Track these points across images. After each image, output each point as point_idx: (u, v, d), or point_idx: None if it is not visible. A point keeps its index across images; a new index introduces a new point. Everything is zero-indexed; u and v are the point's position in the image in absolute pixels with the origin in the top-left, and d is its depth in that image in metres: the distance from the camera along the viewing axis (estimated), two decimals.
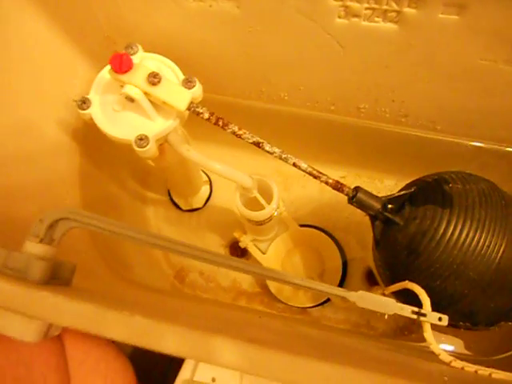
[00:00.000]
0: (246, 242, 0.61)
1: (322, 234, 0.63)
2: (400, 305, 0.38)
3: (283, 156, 0.42)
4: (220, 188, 0.68)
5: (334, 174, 0.67)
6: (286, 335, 0.35)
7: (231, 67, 0.50)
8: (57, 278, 0.32)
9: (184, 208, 0.67)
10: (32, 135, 0.49)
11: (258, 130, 0.59)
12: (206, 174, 0.68)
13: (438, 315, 0.38)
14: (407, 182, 0.49)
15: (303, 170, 0.43)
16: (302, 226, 0.63)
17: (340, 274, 0.62)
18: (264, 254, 0.62)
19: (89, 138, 0.55)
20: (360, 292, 0.37)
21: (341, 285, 0.62)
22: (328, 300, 0.60)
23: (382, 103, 0.50)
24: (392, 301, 0.37)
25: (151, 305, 0.41)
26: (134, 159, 0.47)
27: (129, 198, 0.67)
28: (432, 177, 0.46)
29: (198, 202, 0.67)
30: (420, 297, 0.39)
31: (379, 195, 0.68)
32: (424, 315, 0.38)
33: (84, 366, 0.52)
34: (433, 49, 0.41)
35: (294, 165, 0.43)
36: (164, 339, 0.25)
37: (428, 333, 0.38)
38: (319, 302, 0.60)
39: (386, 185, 0.66)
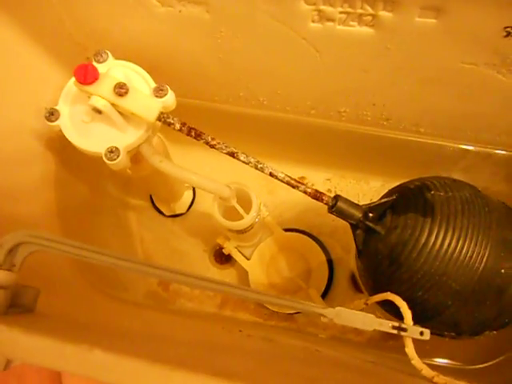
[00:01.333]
0: (229, 248, 0.60)
1: (307, 238, 0.62)
2: (380, 320, 0.36)
3: (259, 166, 0.41)
4: (203, 193, 0.66)
5: (319, 176, 0.65)
6: (264, 356, 0.34)
7: (206, 72, 0.48)
8: (18, 305, 0.31)
9: (167, 214, 0.66)
10: (3, 145, 0.47)
11: (238, 134, 0.58)
12: None
13: (420, 329, 0.37)
14: (394, 183, 0.47)
15: (280, 180, 0.42)
16: (286, 230, 0.62)
17: (326, 278, 0.61)
18: (248, 259, 0.61)
19: (64, 145, 0.54)
20: (337, 308, 0.36)
21: (327, 290, 0.61)
22: None
23: (362, 107, 0.49)
24: (371, 316, 0.36)
25: (127, 324, 0.40)
26: None
27: (110, 205, 0.66)
28: (414, 183, 0.44)
29: (180, 207, 0.66)
30: (401, 309, 0.38)
31: (365, 197, 0.68)
32: (405, 330, 0.37)
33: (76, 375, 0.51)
34: (411, 52, 0.39)
35: (271, 174, 0.42)
36: (122, 375, 0.24)
37: (409, 348, 0.37)
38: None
39: (371, 186, 0.65)
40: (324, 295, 0.60)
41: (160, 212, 0.66)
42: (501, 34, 0.35)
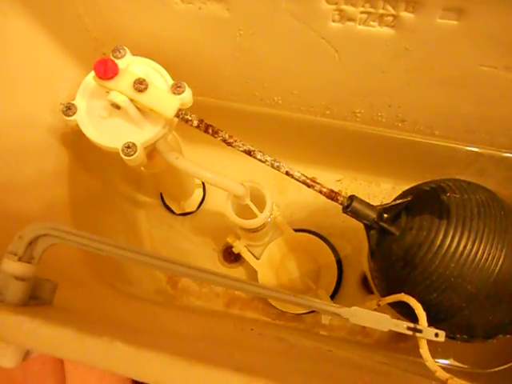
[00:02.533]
0: (239, 247, 0.59)
1: (317, 238, 0.62)
2: (395, 321, 0.36)
3: (275, 164, 0.41)
4: (213, 191, 0.66)
5: (331, 177, 0.65)
6: (279, 354, 0.34)
7: (222, 70, 0.48)
8: (36, 297, 0.31)
9: (177, 212, 0.66)
10: (18, 138, 0.47)
11: (251, 133, 0.58)
12: None
13: (435, 331, 0.37)
14: (404, 186, 0.47)
15: (296, 179, 0.42)
16: (296, 230, 0.62)
17: (335, 279, 0.61)
18: (258, 259, 0.61)
19: (78, 140, 0.54)
20: (353, 308, 0.36)
21: (336, 290, 0.61)
22: None
23: (378, 108, 0.49)
24: (386, 317, 0.36)
25: (139, 320, 0.40)
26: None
27: (121, 202, 0.66)
28: (429, 185, 0.44)
29: (190, 205, 0.66)
30: (416, 311, 0.38)
31: (376, 199, 0.68)
32: (420, 331, 0.37)
33: (80, 368, 0.51)
34: (430, 54, 0.39)
35: (287, 173, 0.42)
36: (144, 369, 0.24)
37: (424, 349, 0.37)
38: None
39: (382, 188, 0.65)
40: (333, 296, 0.60)
41: (170, 210, 0.66)
42: None
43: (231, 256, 0.64)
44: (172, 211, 0.66)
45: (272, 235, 0.61)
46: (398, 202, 0.44)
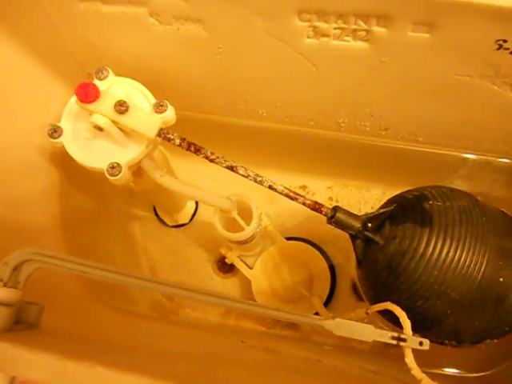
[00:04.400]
0: (232, 258, 0.60)
1: (309, 246, 0.63)
2: (379, 331, 0.37)
3: (258, 179, 0.42)
4: None
5: (321, 184, 0.66)
6: (265, 369, 0.34)
7: (205, 87, 0.49)
8: (22, 321, 0.31)
9: (170, 224, 0.66)
10: (7, 158, 0.48)
11: (239, 145, 0.59)
12: None
13: (419, 339, 0.37)
14: (395, 191, 0.48)
15: (279, 193, 0.42)
16: (288, 238, 0.62)
17: (329, 286, 0.61)
18: (251, 268, 0.61)
19: (68, 159, 0.55)
20: (337, 320, 0.36)
21: (330, 297, 0.61)
22: (316, 314, 0.59)
23: (360, 117, 0.49)
24: (370, 327, 0.36)
25: (130, 337, 0.40)
26: None
27: (114, 216, 0.66)
28: (412, 193, 0.45)
29: (183, 217, 0.66)
30: (400, 320, 0.39)
31: (367, 204, 0.68)
32: (404, 340, 0.37)
33: None
34: (406, 65, 0.40)
35: (270, 187, 0.42)
36: None
37: (409, 358, 0.37)
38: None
39: (373, 194, 0.65)
40: (327, 303, 0.60)
41: (163, 222, 0.67)
42: (493, 47, 0.35)
43: (225, 266, 0.64)
44: (165, 224, 0.67)
45: (264, 245, 0.61)
46: (381, 211, 0.44)
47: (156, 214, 0.67)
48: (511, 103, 0.41)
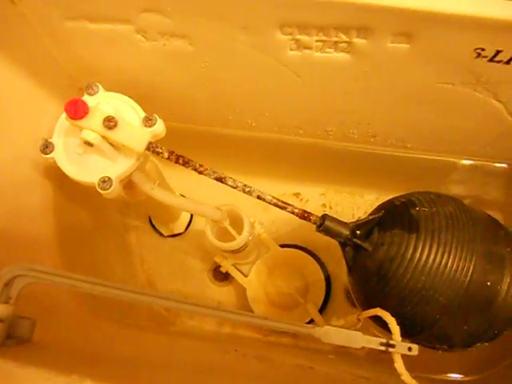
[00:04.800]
0: (227, 266, 0.61)
1: (304, 253, 0.63)
2: (367, 337, 0.37)
3: (246, 190, 0.42)
4: None
5: (314, 191, 0.66)
6: (252, 379, 0.35)
7: (194, 99, 0.50)
8: (14, 336, 0.32)
9: (165, 234, 0.67)
10: (0, 174, 0.49)
11: (230, 155, 0.59)
12: None
13: (408, 345, 0.38)
14: (388, 195, 0.48)
15: (268, 202, 0.43)
16: (283, 246, 0.63)
17: (323, 293, 0.62)
18: (246, 276, 0.62)
19: (61, 173, 0.55)
20: (325, 328, 0.36)
21: (325, 303, 0.61)
22: (312, 321, 0.60)
23: (348, 126, 0.50)
24: (359, 334, 0.37)
25: (120, 350, 0.41)
26: None
27: (110, 227, 0.67)
28: (400, 199, 0.45)
29: (179, 227, 0.67)
30: (389, 325, 0.39)
31: (360, 210, 0.68)
32: (393, 346, 0.37)
33: None
34: (388, 75, 0.40)
35: (259, 197, 0.43)
36: None
37: (398, 363, 0.38)
38: (304, 323, 0.60)
39: (366, 199, 0.66)
40: (322, 310, 0.61)
41: (159, 233, 0.67)
42: (472, 55, 0.36)
43: (221, 275, 0.65)
44: (161, 234, 0.67)
45: (259, 252, 0.62)
46: (369, 217, 0.45)
47: (152, 225, 0.68)
48: (494, 109, 0.42)
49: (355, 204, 0.66)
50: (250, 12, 0.36)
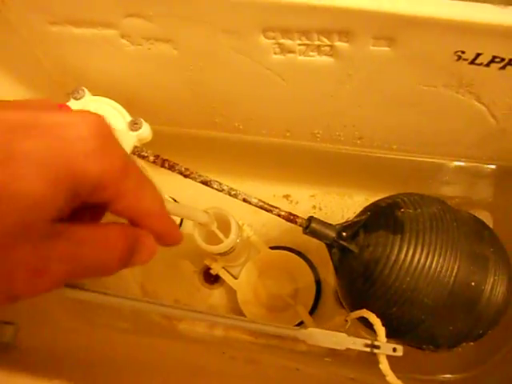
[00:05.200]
0: (217, 268, 0.61)
1: (294, 255, 0.63)
2: (352, 338, 0.37)
3: (232, 193, 0.42)
4: None
5: (304, 192, 0.67)
6: (244, 379, 0.35)
7: (180, 102, 0.50)
8: None
9: None
10: None
11: (218, 158, 0.59)
12: (175, 201, 0.68)
13: (393, 346, 0.38)
14: (377, 196, 0.48)
15: (254, 205, 0.43)
16: (273, 248, 0.63)
17: (313, 295, 0.62)
18: (236, 278, 0.62)
19: None
20: (309, 330, 0.37)
21: (315, 305, 0.62)
22: (301, 322, 0.60)
23: (334, 128, 0.50)
24: (343, 335, 0.37)
25: (107, 353, 0.41)
26: None
27: None
28: (386, 201, 0.46)
29: None
30: (374, 327, 0.39)
31: (349, 211, 0.69)
32: (378, 347, 0.38)
33: None
34: (372, 78, 0.41)
35: (244, 200, 0.43)
36: None
37: (383, 364, 0.38)
38: (294, 325, 0.60)
39: (355, 201, 0.66)
40: (313, 311, 0.61)
41: None
42: (452, 58, 0.36)
43: (211, 277, 0.65)
44: None
45: (248, 254, 0.62)
46: (355, 219, 0.45)
47: None
48: (477, 111, 0.43)
49: (345, 205, 0.67)
50: (232, 16, 0.36)
